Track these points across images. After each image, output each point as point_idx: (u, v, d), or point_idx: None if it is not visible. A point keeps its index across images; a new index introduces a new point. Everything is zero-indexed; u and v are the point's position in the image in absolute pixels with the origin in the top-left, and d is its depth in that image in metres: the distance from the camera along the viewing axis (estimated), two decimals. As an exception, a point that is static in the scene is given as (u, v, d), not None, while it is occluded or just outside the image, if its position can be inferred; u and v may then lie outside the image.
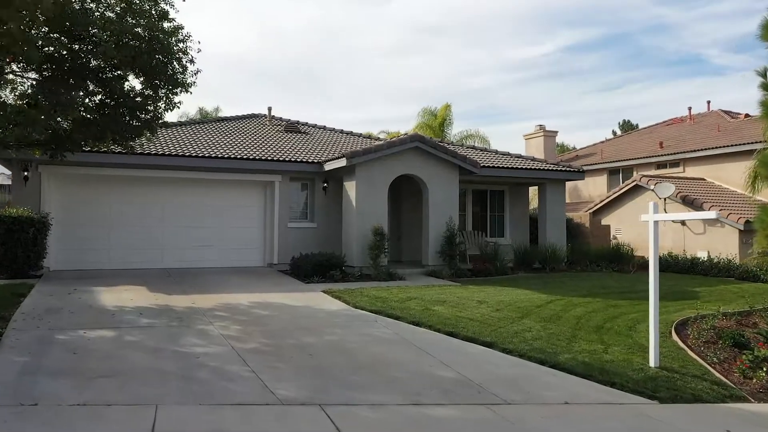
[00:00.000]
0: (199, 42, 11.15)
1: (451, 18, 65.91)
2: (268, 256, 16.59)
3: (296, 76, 71.28)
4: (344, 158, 15.05)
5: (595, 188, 29.20)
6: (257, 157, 16.03)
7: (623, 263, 18.71)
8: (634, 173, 27.22)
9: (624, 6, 65.24)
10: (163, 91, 10.95)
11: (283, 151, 17.05)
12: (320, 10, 65.34)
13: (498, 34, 72.72)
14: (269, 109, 21.94)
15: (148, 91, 10.95)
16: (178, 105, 11.27)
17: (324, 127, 22.05)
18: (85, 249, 15.12)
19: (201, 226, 16.20)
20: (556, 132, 31.42)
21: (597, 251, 19.24)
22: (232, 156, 15.75)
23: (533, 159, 19.51)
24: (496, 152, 19.69)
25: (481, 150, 19.35)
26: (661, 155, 25.99)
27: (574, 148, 44.15)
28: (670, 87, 73.80)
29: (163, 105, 11.23)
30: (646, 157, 26.60)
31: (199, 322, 9.28)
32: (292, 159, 16.43)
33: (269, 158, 16.15)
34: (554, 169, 18.47)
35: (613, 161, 28.08)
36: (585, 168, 22.58)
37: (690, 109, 31.29)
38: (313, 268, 14.32)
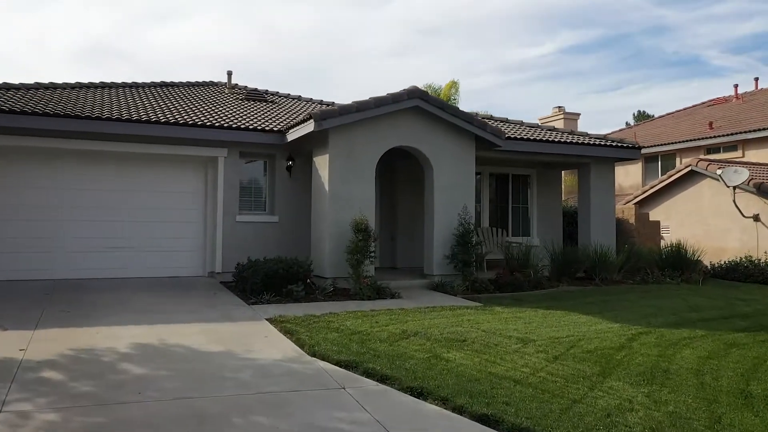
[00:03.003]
0: None
1: (450, 19, 65.02)
2: (210, 261, 11.90)
3: (297, 78, 68.78)
4: (312, 120, 10.37)
5: (626, 178, 24.57)
6: (191, 122, 11.35)
7: (688, 270, 14.06)
8: (677, 160, 22.66)
9: (623, 7, 65.17)
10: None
11: (234, 118, 12.35)
12: (319, 13, 63.22)
13: (497, 35, 72.48)
14: (229, 74, 17.22)
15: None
16: None
17: (299, 97, 17.33)
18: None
19: (116, 219, 11.52)
20: (578, 114, 26.90)
21: (651, 255, 14.59)
22: (152, 119, 11.07)
23: (571, 132, 14.85)
24: (521, 123, 15.00)
25: (501, 121, 14.70)
26: (713, 137, 21.37)
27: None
28: (669, 88, 74.26)
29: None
30: (693, 140, 21.99)
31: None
32: (243, 126, 11.75)
33: (208, 124, 11.47)
34: (601, 143, 13.79)
35: (651, 146, 23.38)
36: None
37: (736, 86, 26.72)
38: (264, 281, 9.66)
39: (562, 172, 16.29)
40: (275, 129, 11.83)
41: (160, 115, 11.50)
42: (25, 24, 54.90)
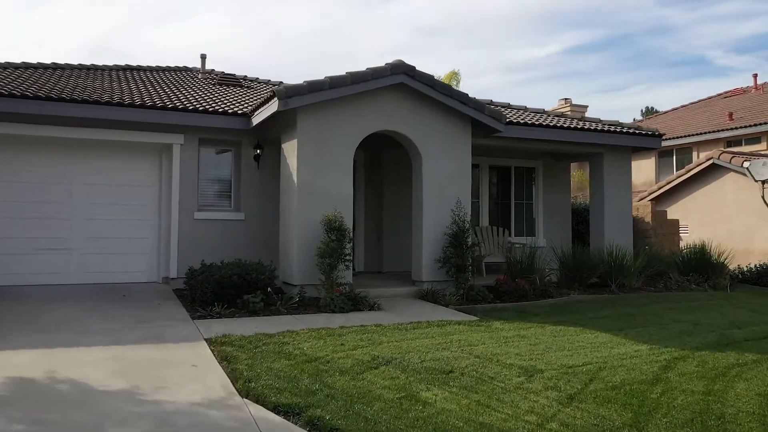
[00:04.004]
0: None
1: (452, 19, 64.38)
2: (164, 265, 10.27)
3: (298, 78, 68.00)
4: (276, 98, 8.73)
5: (638, 174, 22.73)
6: (138, 102, 9.70)
7: (713, 275, 12.36)
8: (695, 154, 20.95)
9: (626, 7, 64.40)
10: None
11: (197, 102, 10.71)
12: (319, 13, 62.40)
13: (499, 36, 71.74)
14: (203, 57, 15.56)
15: None
16: None
17: (281, 83, 15.65)
18: None
19: (54, 216, 9.88)
20: (586, 107, 25.19)
21: (671, 258, 12.90)
22: (91, 98, 9.43)
23: (582, 118, 13.17)
24: (525, 109, 13.30)
25: (502, 106, 13.00)
26: (735, 128, 19.64)
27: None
28: (673, 88, 73.59)
29: None
30: (713, 132, 20.26)
31: None
32: (202, 108, 10.11)
33: (159, 104, 9.83)
34: (616, 130, 12.08)
35: (665, 139, 21.60)
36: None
37: (756, 76, 24.99)
38: (215, 290, 8.02)
39: (571, 164, 14.60)
40: (239, 112, 10.18)
41: (106, 96, 9.86)
42: (26, 23, 53.91)
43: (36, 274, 9.58)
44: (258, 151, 10.60)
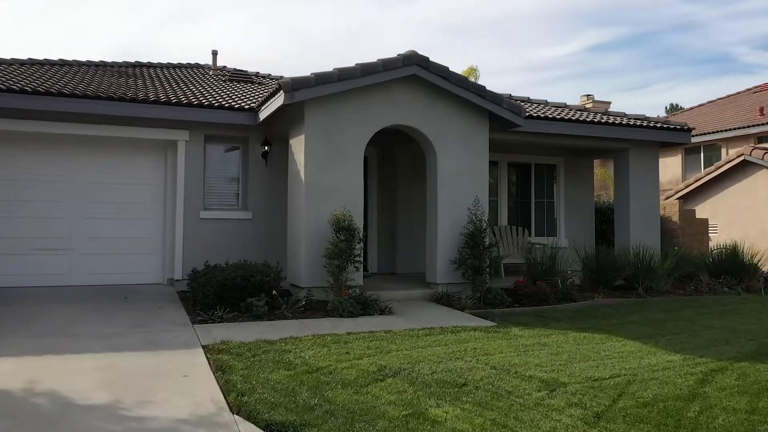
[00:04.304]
0: None
1: (473, 19, 64.27)
2: (169, 266, 9.92)
3: None
4: (281, 91, 8.31)
5: (664, 172, 21.95)
6: (141, 97, 9.36)
7: (746, 277, 11.69)
8: (723, 150, 20.16)
9: (650, 5, 62.51)
10: None
11: (204, 97, 10.33)
12: (341, 13, 62.41)
13: (521, 34, 70.79)
14: (214, 54, 15.24)
15: None
16: None
17: (292, 80, 15.23)
18: None
19: (55, 215, 9.57)
20: (609, 103, 24.48)
21: (701, 259, 12.24)
22: (93, 94, 9.10)
23: (605, 112, 12.56)
24: (546, 103, 12.73)
25: (522, 100, 12.43)
26: (765, 124, 18.80)
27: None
28: (698, 86, 72.37)
29: None
30: (742, 128, 19.44)
31: None
32: (207, 103, 9.74)
33: (163, 99, 9.47)
34: (643, 124, 11.46)
35: (693, 135, 20.83)
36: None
37: (787, 70, 24.00)
38: (217, 292, 7.62)
39: (594, 161, 14.00)
40: (245, 107, 9.79)
41: (106, 91, 9.53)
42: (55, 29, 54.56)
43: (37, 275, 9.27)
44: (266, 147, 10.20)
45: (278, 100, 8.48)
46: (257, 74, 15.33)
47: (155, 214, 10.09)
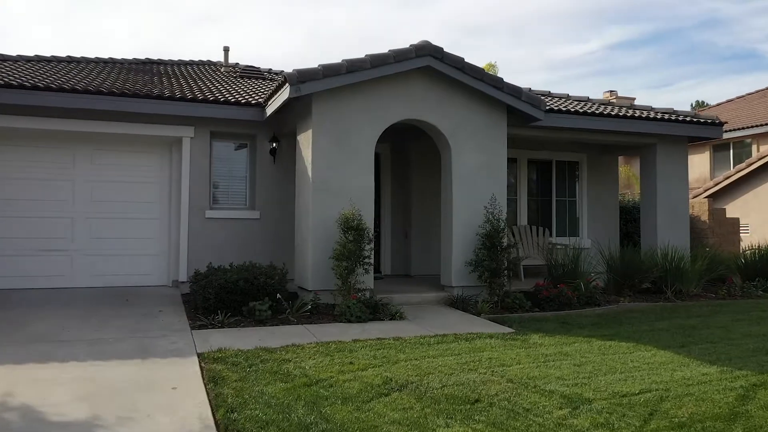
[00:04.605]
0: None
1: (494, 17, 63.23)
2: (174, 268, 9.57)
3: None
4: (287, 84, 7.90)
5: (691, 169, 21.07)
6: (143, 93, 9.01)
7: (781, 280, 11.02)
8: (754, 147, 19.34)
9: (673, 3, 61.02)
10: None
11: (210, 93, 9.97)
12: (360, 13, 62.16)
13: (543, 33, 70.30)
14: (225, 50, 14.93)
15: None
16: None
17: (305, 76, 14.83)
18: None
19: (56, 215, 9.26)
20: (633, 98, 23.71)
21: (734, 260, 11.58)
22: (93, 88, 8.78)
23: (630, 106, 11.96)
24: (568, 97, 12.17)
25: (542, 94, 11.89)
26: (800, 119, 17.99)
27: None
28: (723, 83, 70.11)
29: None
30: (775, 123, 18.62)
31: None
32: (213, 98, 9.36)
33: (167, 94, 9.12)
34: (672, 118, 10.86)
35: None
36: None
37: (820, 63, 23.03)
38: (218, 296, 7.24)
39: (618, 158, 13.39)
40: (252, 102, 9.41)
41: (106, 87, 9.20)
42: (85, 32, 55.24)
43: (38, 277, 8.98)
44: (274, 144, 9.81)
45: (284, 94, 8.08)
46: (269, 71, 14.95)
47: (159, 214, 9.75)
